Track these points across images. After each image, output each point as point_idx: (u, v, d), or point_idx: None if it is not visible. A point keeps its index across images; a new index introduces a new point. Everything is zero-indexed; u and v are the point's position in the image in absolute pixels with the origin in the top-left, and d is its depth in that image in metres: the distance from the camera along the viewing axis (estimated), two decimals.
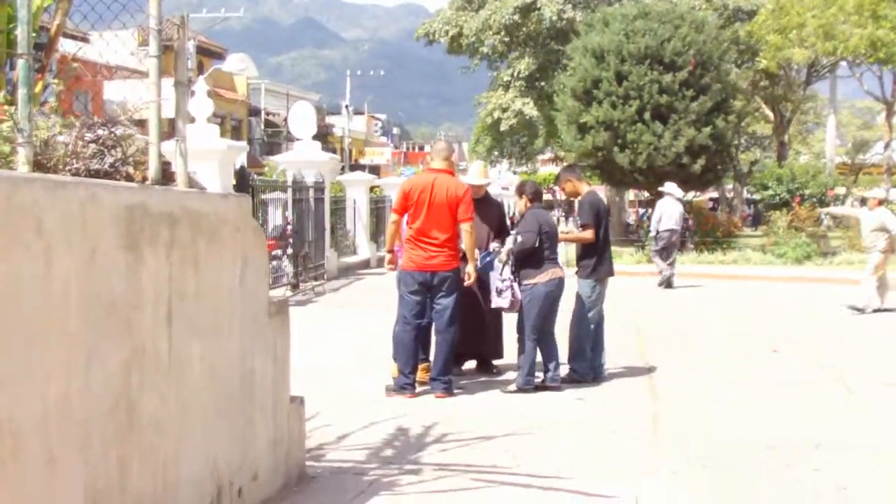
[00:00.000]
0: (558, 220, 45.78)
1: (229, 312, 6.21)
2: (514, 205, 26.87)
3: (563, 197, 74.39)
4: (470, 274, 11.18)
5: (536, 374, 11.47)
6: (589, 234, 11.93)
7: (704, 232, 35.91)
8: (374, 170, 73.00)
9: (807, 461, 8.57)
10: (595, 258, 12.01)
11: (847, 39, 37.75)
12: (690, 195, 44.39)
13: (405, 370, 11.10)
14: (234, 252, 6.25)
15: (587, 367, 12.01)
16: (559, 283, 11.44)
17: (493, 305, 11.45)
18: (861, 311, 19.76)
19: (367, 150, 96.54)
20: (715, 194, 77.02)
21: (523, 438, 9.22)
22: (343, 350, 14.70)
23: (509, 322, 12.08)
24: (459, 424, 9.64)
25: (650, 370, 12.95)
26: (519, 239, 11.28)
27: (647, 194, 42.32)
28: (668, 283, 25.79)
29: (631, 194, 61.24)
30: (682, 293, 24.91)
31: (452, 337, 11.20)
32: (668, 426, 9.91)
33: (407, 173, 23.60)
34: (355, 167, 71.24)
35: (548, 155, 79.60)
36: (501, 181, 55.76)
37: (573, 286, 12.00)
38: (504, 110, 56.57)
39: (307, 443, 8.02)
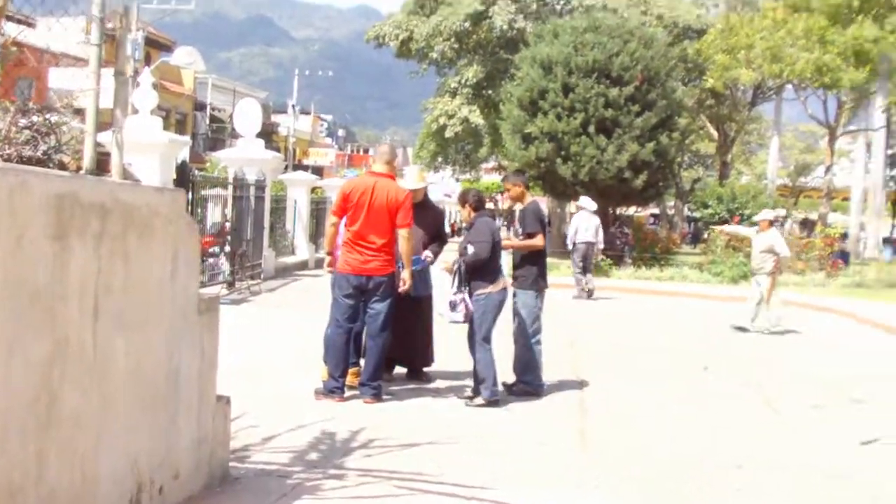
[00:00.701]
0: (499, 228, 45.81)
1: (158, 308, 6.14)
2: (457, 212, 26.89)
3: (506, 206, 74.39)
4: (405, 280, 11.15)
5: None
6: (540, 242, 11.93)
7: (643, 248, 36.09)
8: (318, 171, 72.87)
9: (729, 481, 8.64)
10: (538, 269, 12.01)
11: (794, 63, 38.10)
12: (631, 210, 44.63)
13: (335, 374, 11.06)
14: (166, 247, 6.18)
15: (536, 378, 12.01)
16: (505, 292, 11.47)
17: (448, 321, 11.30)
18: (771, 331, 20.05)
19: (311, 150, 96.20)
20: (656, 210, 77.50)
21: (450, 447, 9.22)
22: (275, 351, 14.66)
23: (440, 329, 12.08)
24: (386, 431, 9.61)
25: (581, 384, 12.98)
26: (471, 249, 11.20)
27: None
28: (588, 294, 25.97)
29: (573, 206, 61.46)
30: (617, 307, 25.03)
31: (384, 342, 11.17)
32: (595, 440, 9.94)
33: (350, 175, 23.59)
34: (299, 167, 71.03)
35: (492, 164, 79.69)
36: (444, 188, 55.77)
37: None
38: (450, 117, 56.60)
39: (233, 443, 7.96)
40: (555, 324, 12.37)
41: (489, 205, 79.10)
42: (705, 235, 41.19)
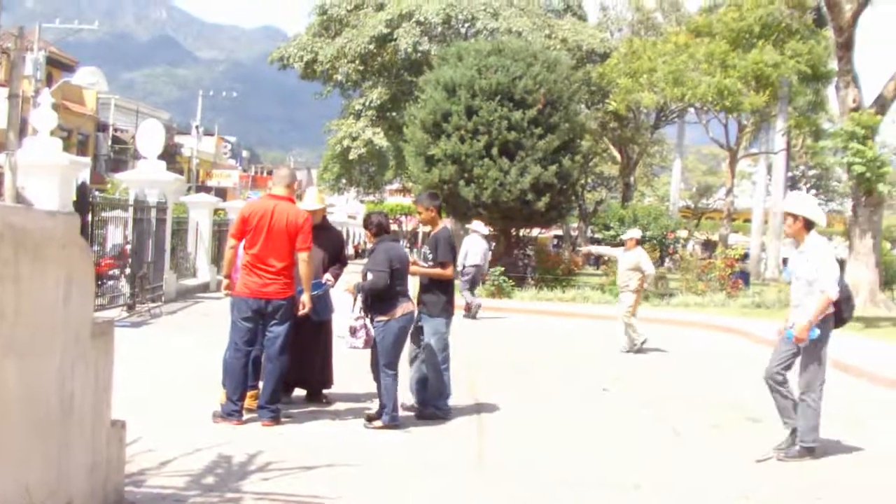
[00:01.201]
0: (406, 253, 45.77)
1: (50, 332, 6.09)
2: (361, 234, 26.89)
3: (410, 227, 74.27)
4: (304, 303, 11.13)
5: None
6: (450, 272, 11.97)
7: (545, 269, 36.26)
8: (221, 192, 72.55)
9: (627, 501, 8.71)
10: (446, 296, 12.02)
11: (696, 86, 38.49)
12: (535, 232, 44.84)
13: (233, 397, 11.01)
14: (59, 271, 6.13)
15: (445, 403, 12.05)
16: (410, 318, 11.42)
17: (348, 346, 11.22)
18: (637, 349, 20.34)
19: (215, 171, 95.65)
20: (560, 232, 77.89)
21: (348, 470, 9.21)
22: (173, 374, 14.54)
23: (341, 351, 12.05)
24: (284, 453, 9.58)
25: (480, 405, 13.01)
26: (370, 277, 11.15)
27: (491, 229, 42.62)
28: (473, 315, 26.15)
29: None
30: (518, 328, 25.12)
31: (283, 365, 11.14)
32: (492, 463, 9.97)
33: (254, 197, 23.50)
34: (202, 189, 70.70)
35: (396, 185, 79.76)
36: (348, 209, 55.73)
37: None
38: (354, 139, 56.65)
39: (128, 467, 7.91)
40: (453, 345, 12.37)
41: (393, 226, 79.03)
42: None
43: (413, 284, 11.93)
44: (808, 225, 10.57)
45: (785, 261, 67.78)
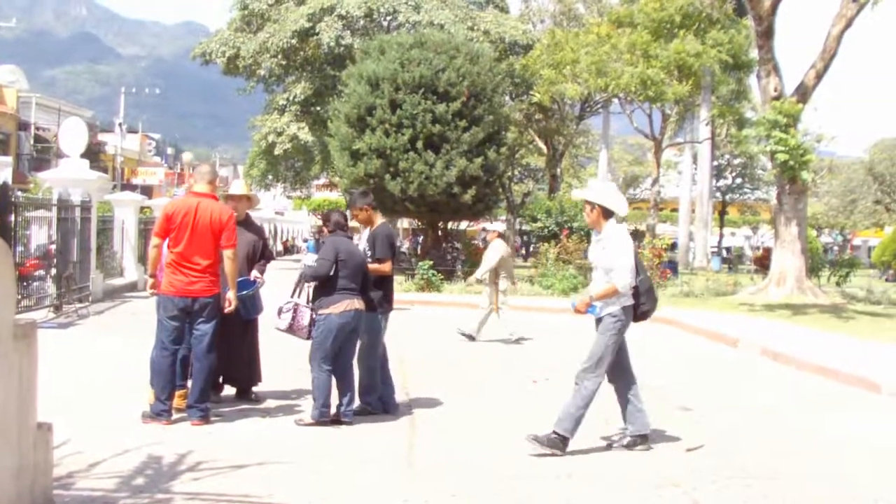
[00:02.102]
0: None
1: None
2: (289, 230, 26.51)
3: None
4: (230, 300, 10.97)
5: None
6: (388, 268, 11.89)
7: (474, 262, 36.15)
8: (147, 190, 72.04)
9: (557, 491, 8.68)
10: (383, 292, 11.88)
11: (619, 77, 38.61)
12: (463, 225, 44.78)
13: (161, 396, 10.87)
14: None
15: (377, 399, 11.93)
16: (355, 315, 11.20)
17: (275, 326, 11.23)
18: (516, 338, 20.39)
19: (139, 169, 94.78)
20: (488, 224, 78.00)
21: (280, 468, 9.13)
22: (101, 374, 14.36)
23: (271, 348, 11.90)
24: (215, 452, 9.50)
25: (411, 399, 12.95)
26: (313, 264, 11.10)
27: (418, 223, 42.53)
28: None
29: (405, 222, 61.52)
30: (448, 322, 24.99)
31: (211, 363, 11.05)
32: (423, 456, 9.93)
33: (180, 194, 23.26)
34: (127, 187, 70.13)
35: (322, 181, 79.55)
36: (275, 205, 55.47)
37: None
38: (279, 134, 56.37)
39: (57, 470, 7.80)
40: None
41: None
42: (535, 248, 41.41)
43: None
44: (607, 213, 10.37)
45: (713, 249, 68.51)
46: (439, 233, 39.27)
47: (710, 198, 65.42)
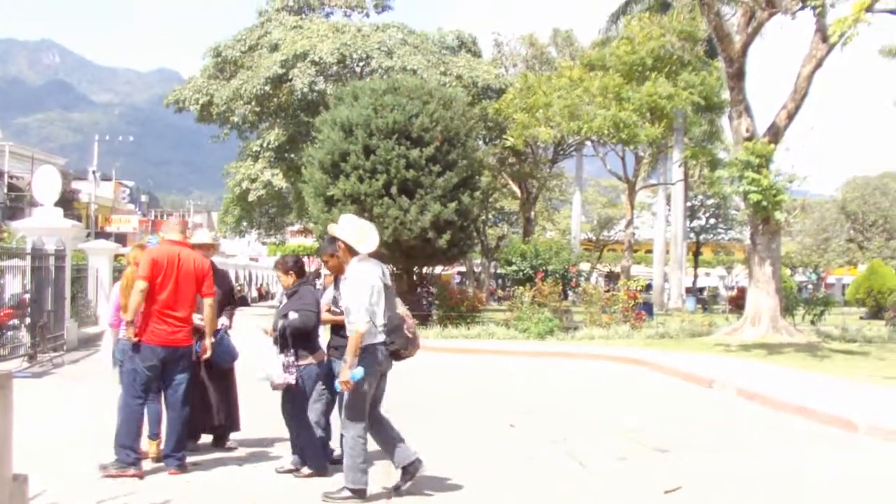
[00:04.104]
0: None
1: None
2: (262, 276, 26.35)
3: (312, 269, 74.41)
4: (206, 347, 10.95)
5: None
6: None
7: (449, 306, 36.15)
8: (121, 238, 71.86)
9: None
10: None
11: (591, 120, 38.70)
12: (438, 269, 44.78)
13: (134, 445, 10.74)
14: None
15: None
16: (326, 364, 11.17)
17: (279, 381, 10.73)
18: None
19: (113, 217, 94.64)
20: (463, 268, 78.04)
21: None
22: (77, 424, 14.30)
23: (243, 395, 11.86)
24: (192, 501, 9.38)
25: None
26: (295, 316, 10.85)
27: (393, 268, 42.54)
28: None
29: None
30: (423, 367, 24.94)
31: (187, 412, 11.02)
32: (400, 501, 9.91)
33: (154, 242, 23.16)
34: (101, 235, 69.98)
35: (297, 227, 79.53)
36: (250, 251, 55.39)
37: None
38: (253, 181, 56.46)
39: None
40: None
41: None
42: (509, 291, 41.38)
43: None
44: (353, 251, 10.16)
45: (688, 290, 68.65)
46: (414, 278, 39.24)
47: (684, 238, 65.67)
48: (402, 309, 10.06)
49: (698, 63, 42.25)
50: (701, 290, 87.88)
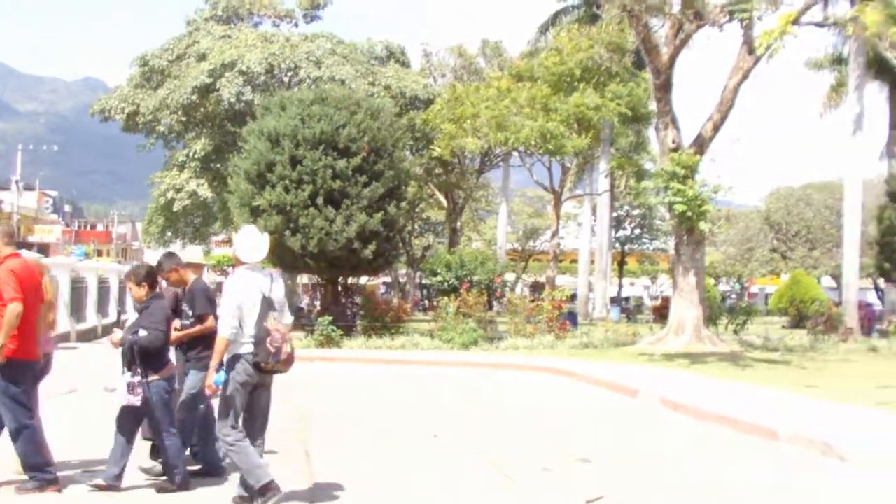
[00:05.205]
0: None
1: None
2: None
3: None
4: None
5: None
6: (212, 323, 11.32)
7: (374, 317, 36.06)
8: (44, 248, 71.11)
9: None
10: (210, 348, 11.58)
11: (519, 131, 38.71)
12: (364, 279, 44.70)
13: (45, 465, 10.47)
14: None
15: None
16: (174, 379, 11.02)
17: (124, 402, 10.48)
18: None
19: (36, 227, 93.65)
20: (388, 278, 77.95)
21: None
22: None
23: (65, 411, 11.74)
24: None
25: (310, 457, 12.84)
26: (143, 333, 10.56)
27: (318, 278, 42.41)
28: None
29: (305, 278, 61.31)
30: (351, 377, 24.92)
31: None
32: None
33: (77, 252, 22.91)
34: (23, 245, 68.98)
35: (222, 237, 79.12)
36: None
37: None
38: (178, 190, 56.15)
39: None
40: (286, 395, 12.14)
41: (221, 278, 78.42)
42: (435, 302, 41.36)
43: None
44: (239, 260, 10.22)
45: (612, 300, 69.01)
46: (339, 288, 39.14)
47: (609, 249, 65.90)
48: (274, 323, 9.89)
49: (626, 74, 42.47)
50: (626, 299, 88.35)
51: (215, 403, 10.47)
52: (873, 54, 40.12)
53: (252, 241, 10.25)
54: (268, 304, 9.88)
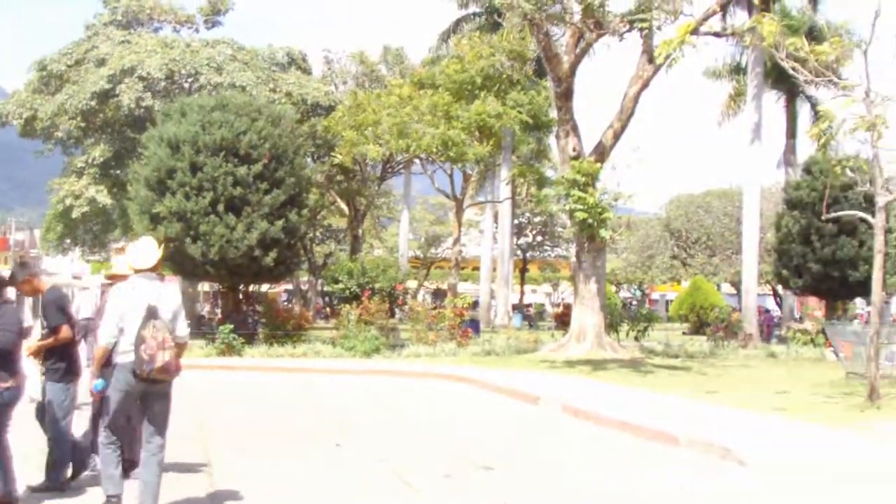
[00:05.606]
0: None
1: None
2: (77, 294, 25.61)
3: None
4: None
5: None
6: (66, 334, 11.17)
7: (275, 325, 35.81)
8: None
9: None
10: (68, 360, 11.37)
11: (420, 138, 38.72)
12: (265, 287, 44.46)
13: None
14: None
15: (62, 474, 11.31)
16: (20, 389, 10.56)
17: None
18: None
19: None
20: (290, 286, 77.60)
21: None
22: None
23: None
24: None
25: (211, 466, 12.75)
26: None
27: (220, 286, 42.16)
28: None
29: (206, 286, 60.87)
30: (252, 386, 24.76)
31: None
32: None
33: None
34: None
35: (121, 244, 78.30)
36: (73, 269, 54.21)
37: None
38: (77, 197, 55.36)
39: None
40: (185, 404, 12.03)
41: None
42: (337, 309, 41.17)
43: None
44: (132, 268, 10.25)
45: (514, 307, 69.24)
46: (240, 296, 38.90)
47: (510, 256, 66.21)
48: (152, 331, 9.76)
49: (527, 82, 42.68)
50: (527, 306, 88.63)
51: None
52: (771, 64, 40.63)
53: (141, 250, 10.25)
54: (150, 313, 9.75)
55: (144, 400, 9.89)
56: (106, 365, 10.25)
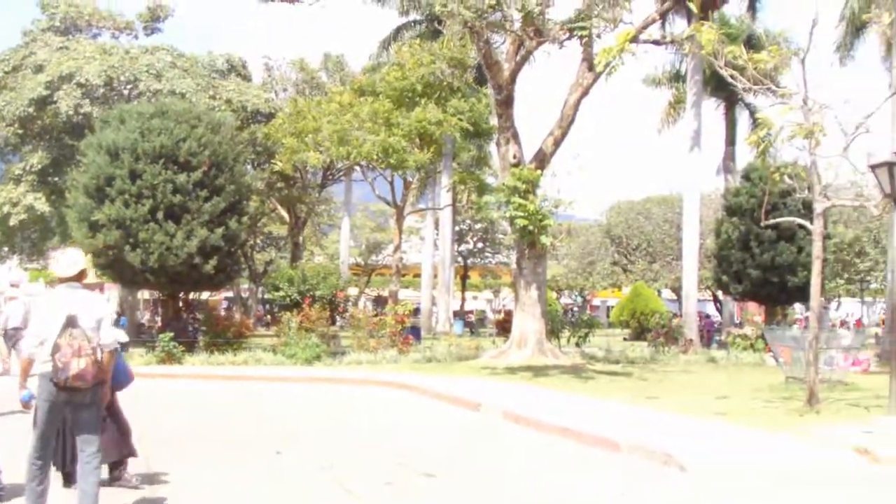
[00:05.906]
0: None
1: None
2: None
3: None
4: None
5: None
6: None
7: (216, 332, 35.63)
8: None
9: None
10: None
11: (361, 145, 38.63)
12: (205, 295, 44.25)
13: None
14: None
15: None
16: None
17: None
18: None
19: None
20: (230, 294, 77.26)
21: None
22: None
23: None
24: None
25: (153, 475, 12.65)
26: None
27: (159, 294, 41.91)
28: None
29: (146, 293, 60.47)
30: (192, 394, 24.63)
31: None
32: None
33: None
34: None
35: (59, 252, 77.62)
36: (11, 277, 53.71)
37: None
38: (14, 204, 54.78)
39: None
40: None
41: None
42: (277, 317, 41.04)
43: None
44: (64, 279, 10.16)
45: (456, 314, 69.31)
46: (180, 303, 38.71)
47: (451, 263, 66.35)
48: (67, 339, 9.69)
49: (468, 90, 42.68)
50: (469, 313, 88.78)
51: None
52: (710, 72, 40.85)
53: (64, 259, 10.20)
54: (69, 322, 9.68)
55: (71, 410, 9.82)
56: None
